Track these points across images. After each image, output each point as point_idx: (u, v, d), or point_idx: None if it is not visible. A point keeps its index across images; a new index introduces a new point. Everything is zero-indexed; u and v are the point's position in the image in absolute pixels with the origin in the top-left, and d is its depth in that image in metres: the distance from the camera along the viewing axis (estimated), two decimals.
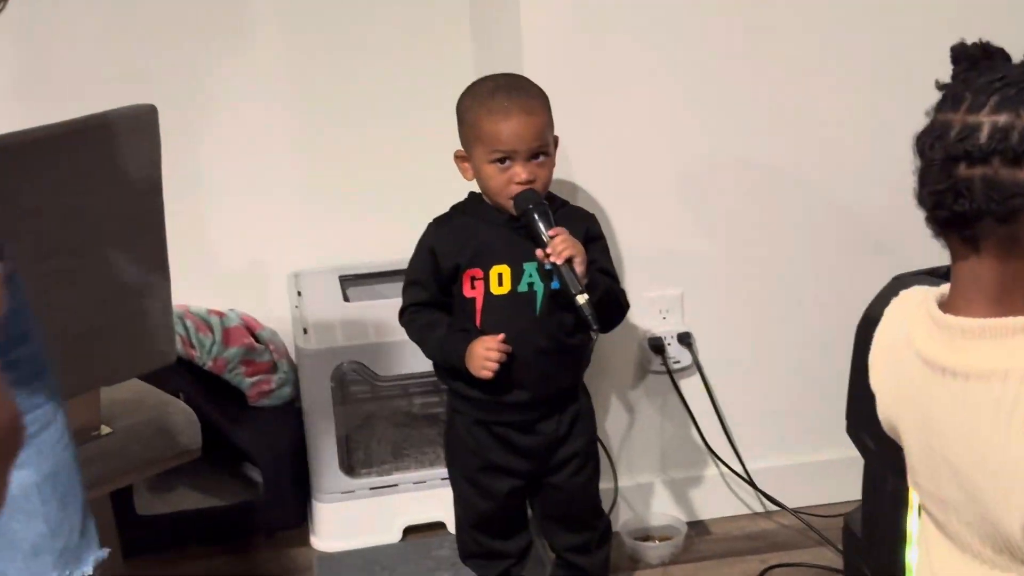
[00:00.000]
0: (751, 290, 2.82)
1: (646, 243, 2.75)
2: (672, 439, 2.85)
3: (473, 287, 2.32)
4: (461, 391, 2.36)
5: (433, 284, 2.32)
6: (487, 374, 2.23)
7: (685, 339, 2.82)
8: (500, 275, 2.31)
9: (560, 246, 2.17)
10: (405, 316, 2.37)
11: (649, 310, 2.79)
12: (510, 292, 2.31)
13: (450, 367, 2.33)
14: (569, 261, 2.18)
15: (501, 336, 2.24)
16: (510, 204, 2.25)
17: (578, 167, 2.64)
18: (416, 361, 2.56)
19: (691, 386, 2.84)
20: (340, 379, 2.74)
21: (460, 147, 2.31)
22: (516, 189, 2.23)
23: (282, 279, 3.03)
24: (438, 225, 2.34)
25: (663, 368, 2.79)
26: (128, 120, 2.02)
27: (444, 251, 2.29)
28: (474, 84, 2.33)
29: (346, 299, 2.93)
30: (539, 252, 2.19)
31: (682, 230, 2.76)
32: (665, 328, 2.81)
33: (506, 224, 2.28)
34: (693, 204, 2.76)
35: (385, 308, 2.66)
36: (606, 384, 2.79)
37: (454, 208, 2.37)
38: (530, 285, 2.31)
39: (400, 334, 2.44)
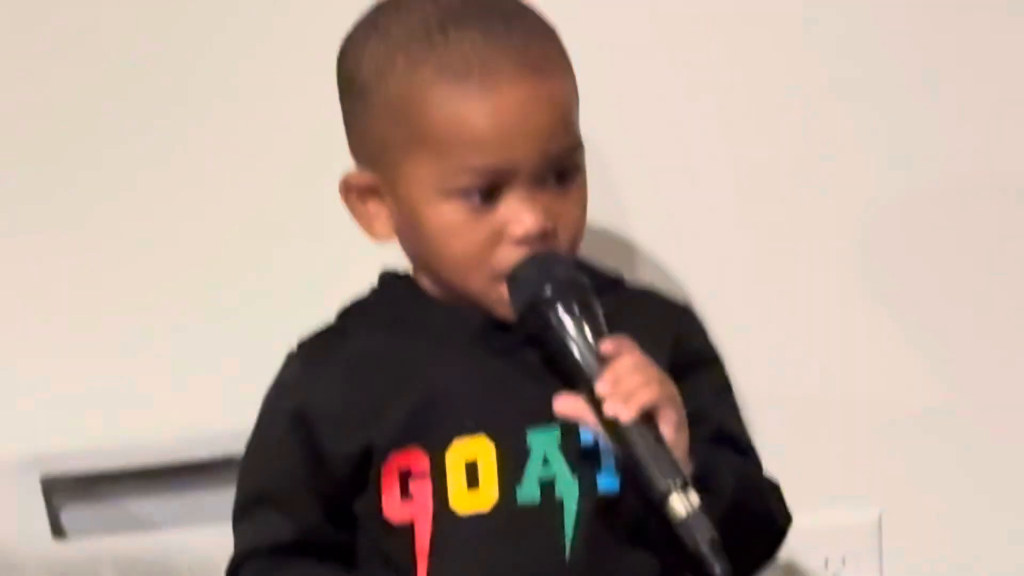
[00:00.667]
0: None
1: (779, 383, 1.93)
2: None
3: (407, 496, 1.50)
4: None
5: (307, 499, 1.52)
6: None
7: None
8: (472, 467, 1.50)
9: (628, 380, 1.37)
10: None
11: (798, 557, 2.00)
12: (499, 507, 1.49)
13: None
14: (649, 418, 1.37)
15: None
16: (498, 294, 1.47)
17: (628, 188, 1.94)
18: None
19: None
20: None
21: (353, 164, 1.52)
22: (515, 256, 1.45)
23: None
24: (312, 356, 1.56)
25: None
26: None
27: (332, 417, 1.51)
28: (383, 6, 1.51)
29: (59, 531, 2.11)
30: (564, 406, 1.39)
31: (868, 349, 1.93)
32: None
33: (483, 339, 1.51)
34: (883, 281, 1.94)
35: (158, 554, 1.99)
36: None
37: (347, 314, 1.58)
38: (547, 487, 1.50)
39: None
